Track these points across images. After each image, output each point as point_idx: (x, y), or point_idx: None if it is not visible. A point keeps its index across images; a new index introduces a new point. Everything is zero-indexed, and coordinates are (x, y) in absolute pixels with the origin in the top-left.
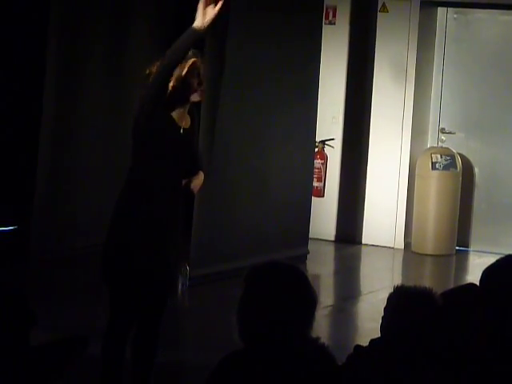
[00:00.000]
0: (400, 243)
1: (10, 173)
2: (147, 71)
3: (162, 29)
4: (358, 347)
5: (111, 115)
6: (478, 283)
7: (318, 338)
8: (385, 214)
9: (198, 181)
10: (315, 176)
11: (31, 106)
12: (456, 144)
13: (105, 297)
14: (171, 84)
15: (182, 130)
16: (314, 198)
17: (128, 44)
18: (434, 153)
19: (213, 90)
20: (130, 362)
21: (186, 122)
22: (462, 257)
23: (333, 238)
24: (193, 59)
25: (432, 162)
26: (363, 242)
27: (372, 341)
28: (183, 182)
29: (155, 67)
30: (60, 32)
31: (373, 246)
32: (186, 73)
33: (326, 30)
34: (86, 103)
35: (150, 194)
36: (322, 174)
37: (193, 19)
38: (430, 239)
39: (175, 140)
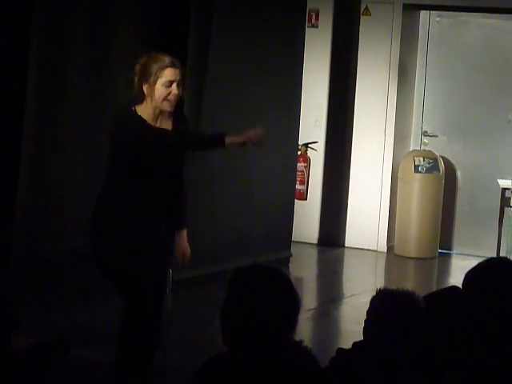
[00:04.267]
0: (383, 246)
1: None
2: (132, 74)
3: (146, 29)
4: (341, 350)
5: (95, 115)
6: (460, 286)
7: (300, 341)
8: (368, 217)
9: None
10: (298, 179)
11: (13, 106)
12: (439, 147)
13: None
14: (144, 90)
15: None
16: (296, 201)
17: (111, 45)
18: (416, 156)
19: (195, 93)
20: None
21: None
22: (444, 260)
23: (316, 241)
24: (168, 69)
25: (415, 165)
26: (346, 245)
27: (355, 344)
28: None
29: (137, 69)
30: (42, 33)
31: (356, 248)
32: (157, 82)
33: (309, 33)
34: (70, 103)
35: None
36: (305, 177)
37: (175, 20)
38: (412, 242)
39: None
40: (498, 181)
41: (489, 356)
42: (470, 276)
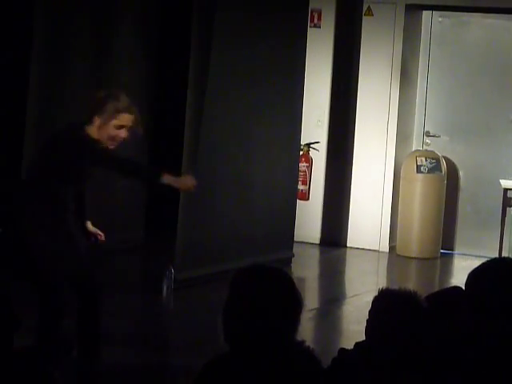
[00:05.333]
0: (385, 246)
1: None
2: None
3: (147, 29)
4: (343, 350)
5: None
6: (462, 286)
7: (302, 341)
8: (370, 217)
9: None
10: (300, 179)
11: (14, 108)
12: (441, 147)
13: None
14: (94, 120)
15: None
16: (298, 201)
17: (113, 45)
18: (418, 156)
19: (198, 93)
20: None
21: None
22: (446, 260)
23: (318, 241)
24: (124, 114)
25: (417, 165)
26: (348, 245)
27: (357, 344)
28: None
29: (95, 100)
30: (44, 30)
31: (358, 249)
32: (110, 123)
33: (311, 34)
34: (71, 103)
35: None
36: (307, 177)
37: (177, 20)
38: (414, 242)
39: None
40: (500, 181)
41: (491, 356)
42: (473, 276)
